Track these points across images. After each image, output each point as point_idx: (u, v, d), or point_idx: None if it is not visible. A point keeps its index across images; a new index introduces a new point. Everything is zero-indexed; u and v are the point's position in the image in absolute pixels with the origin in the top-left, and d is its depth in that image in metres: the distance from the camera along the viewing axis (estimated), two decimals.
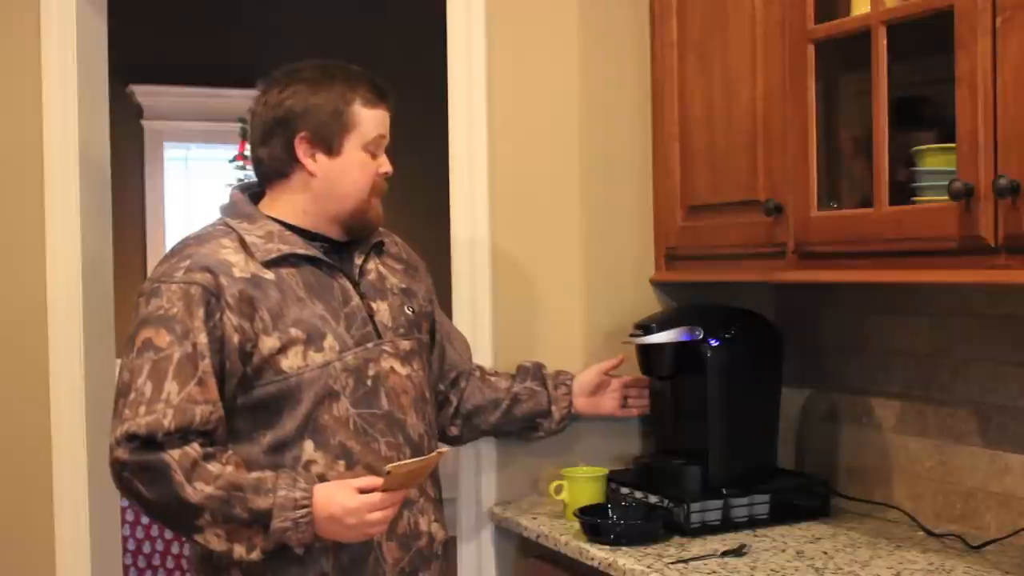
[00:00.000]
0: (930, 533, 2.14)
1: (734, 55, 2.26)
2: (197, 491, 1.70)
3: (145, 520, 4.28)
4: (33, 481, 2.41)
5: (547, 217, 2.52)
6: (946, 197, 1.72)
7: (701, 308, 2.44)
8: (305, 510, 1.72)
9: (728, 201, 2.31)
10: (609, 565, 2.02)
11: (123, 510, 4.20)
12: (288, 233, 1.88)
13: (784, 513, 2.26)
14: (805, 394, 2.56)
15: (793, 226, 2.10)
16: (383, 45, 5.73)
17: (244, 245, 1.84)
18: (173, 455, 1.71)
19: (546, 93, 2.52)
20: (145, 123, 5.76)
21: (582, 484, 2.29)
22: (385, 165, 1.93)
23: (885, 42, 1.86)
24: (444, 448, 1.88)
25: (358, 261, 1.95)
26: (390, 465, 1.75)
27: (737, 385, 2.30)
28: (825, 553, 2.03)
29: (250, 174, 5.33)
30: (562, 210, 2.53)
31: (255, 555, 1.73)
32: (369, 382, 1.86)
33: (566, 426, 2.35)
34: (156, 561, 4.31)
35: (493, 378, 2.29)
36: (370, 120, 1.89)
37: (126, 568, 4.19)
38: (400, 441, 1.89)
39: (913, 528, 2.19)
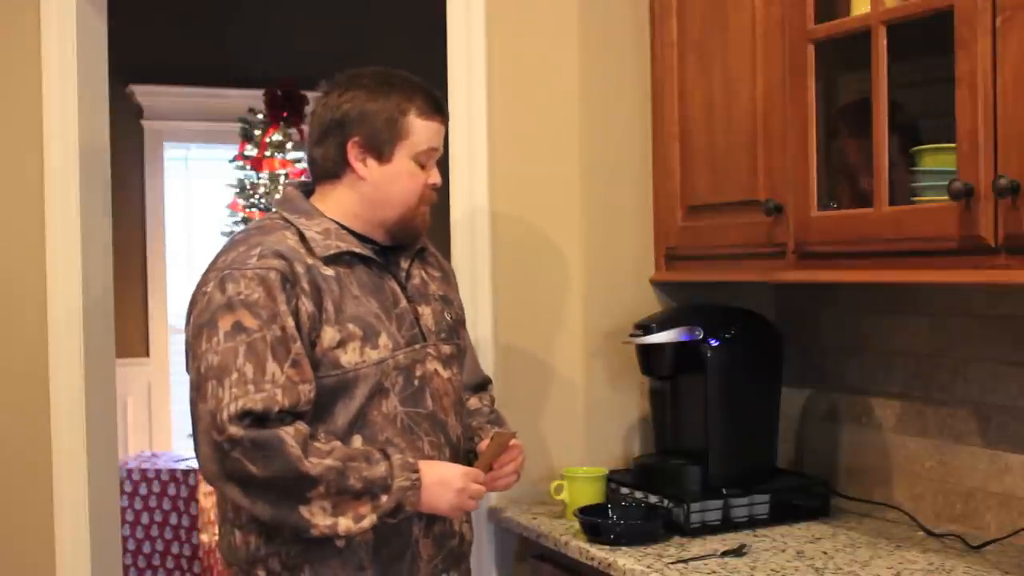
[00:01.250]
0: (930, 533, 2.14)
1: (734, 55, 2.26)
2: (315, 464, 1.71)
3: (145, 520, 4.29)
4: (33, 481, 2.41)
5: (547, 217, 2.52)
6: (946, 197, 1.72)
7: (701, 308, 2.44)
8: (417, 474, 1.79)
9: (728, 201, 2.31)
10: (609, 565, 2.02)
11: (123, 510, 4.21)
12: (344, 232, 1.91)
13: (784, 513, 2.26)
14: (805, 394, 2.56)
15: (793, 226, 2.10)
16: (383, 45, 5.73)
17: (303, 240, 1.87)
18: (288, 431, 1.72)
19: (546, 93, 2.52)
20: (145, 123, 5.76)
21: (582, 484, 2.29)
22: (434, 176, 1.94)
23: (885, 42, 1.86)
24: (515, 431, 2.00)
25: (404, 265, 1.97)
26: (495, 430, 1.96)
27: (737, 385, 2.31)
28: (825, 553, 2.03)
29: (249, 175, 5.36)
30: (562, 210, 2.53)
31: (366, 523, 1.74)
32: (416, 382, 1.89)
33: None
34: (156, 561, 4.31)
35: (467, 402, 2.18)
36: (423, 131, 1.90)
37: (126, 568, 4.19)
38: (442, 441, 1.91)
39: (913, 528, 2.19)
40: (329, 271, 1.84)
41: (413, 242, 1.98)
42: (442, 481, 1.82)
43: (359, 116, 1.88)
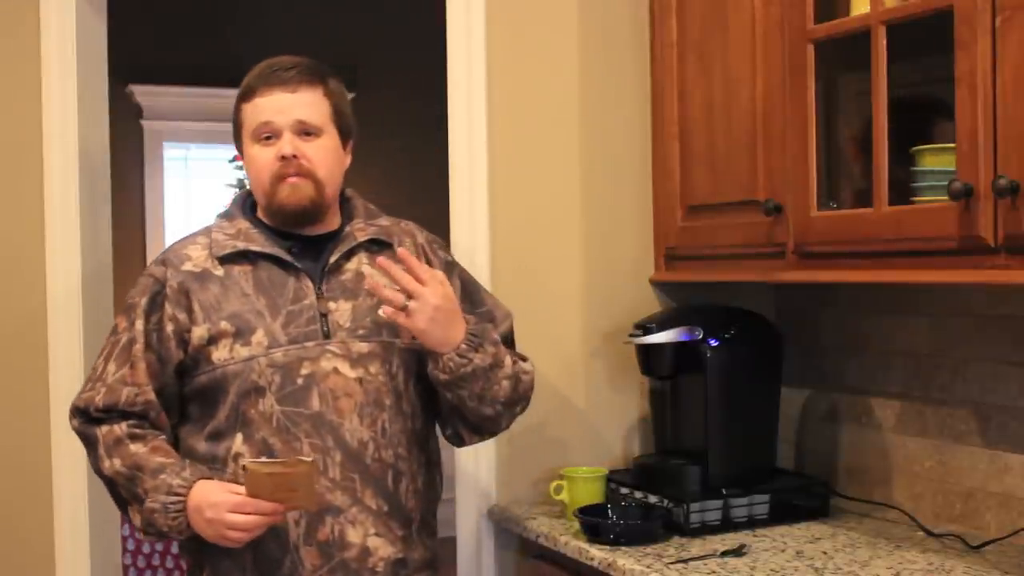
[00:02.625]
0: (930, 533, 2.14)
1: (734, 55, 2.26)
2: (111, 466, 1.83)
3: None
4: (33, 481, 2.40)
5: (547, 217, 2.52)
6: (946, 197, 1.72)
7: (701, 308, 2.44)
8: (176, 498, 1.76)
9: (728, 201, 2.31)
10: (609, 565, 2.02)
11: None
12: (255, 232, 1.91)
13: (784, 513, 2.26)
14: (805, 394, 2.56)
15: (793, 226, 2.10)
16: (383, 45, 5.74)
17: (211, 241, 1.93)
18: (102, 430, 1.85)
19: (546, 93, 2.52)
20: (145, 123, 5.76)
21: (582, 484, 2.29)
22: (282, 148, 1.86)
23: (885, 42, 1.86)
24: (309, 458, 1.74)
25: (332, 259, 1.91)
26: (248, 461, 1.72)
27: (737, 385, 2.31)
28: (825, 553, 2.03)
29: None
30: (562, 210, 2.53)
31: (140, 534, 1.82)
32: (300, 380, 1.82)
33: (445, 368, 1.84)
34: (156, 561, 4.31)
35: None
36: (249, 112, 1.91)
37: (126, 568, 4.18)
38: (329, 444, 1.80)
39: (913, 528, 2.19)
40: (219, 271, 1.88)
41: (299, 221, 1.90)
42: (197, 508, 1.75)
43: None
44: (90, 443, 1.88)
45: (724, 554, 2.03)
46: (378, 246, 1.96)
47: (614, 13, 2.55)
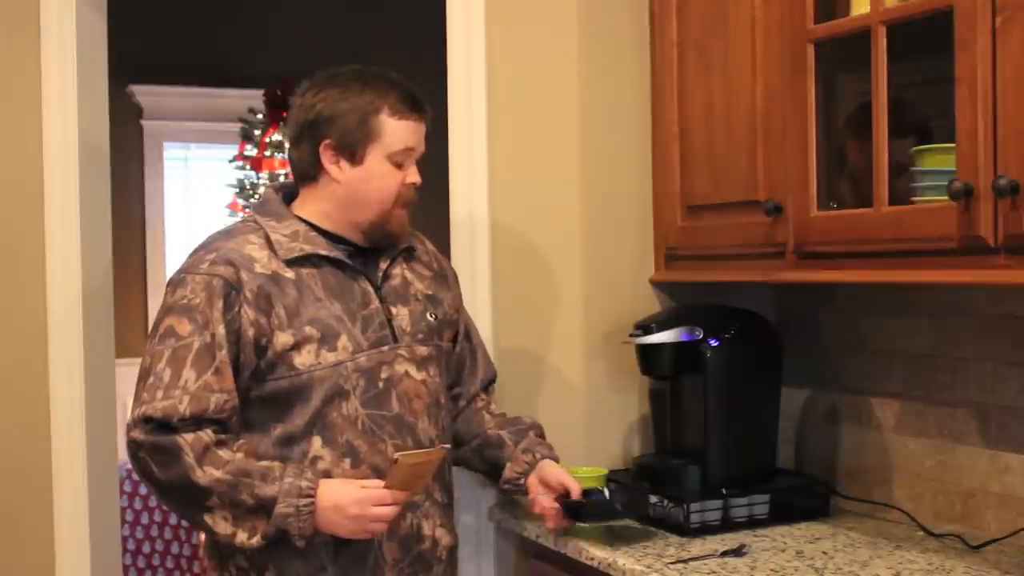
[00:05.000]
0: (930, 533, 2.15)
1: (734, 55, 2.26)
2: (206, 474, 1.75)
3: (145, 520, 4.28)
4: (33, 481, 2.41)
5: (547, 217, 2.52)
6: (946, 197, 1.73)
7: (701, 308, 2.44)
8: (308, 499, 1.76)
9: (728, 201, 2.31)
10: (609, 565, 2.03)
11: (123, 510, 4.21)
12: (313, 234, 1.91)
13: (784, 513, 2.26)
14: (805, 394, 2.56)
15: (793, 226, 2.10)
16: (383, 45, 5.73)
17: (269, 242, 1.88)
18: (186, 438, 1.75)
19: (546, 93, 2.51)
20: (145, 123, 5.77)
21: (582, 484, 2.28)
22: (412, 175, 1.93)
23: (885, 42, 1.86)
24: (447, 444, 1.91)
25: (383, 265, 1.97)
26: (398, 454, 1.78)
27: (737, 385, 2.31)
28: (825, 553, 2.03)
29: (249, 175, 5.36)
30: (562, 210, 2.53)
31: (255, 541, 1.76)
32: (381, 384, 1.88)
33: (512, 491, 2.16)
34: (156, 561, 4.31)
35: (486, 414, 2.19)
36: (397, 131, 1.89)
37: (126, 568, 4.19)
38: (409, 444, 1.90)
39: (913, 528, 2.19)
40: (290, 274, 1.85)
41: (389, 244, 1.97)
42: (336, 507, 1.77)
43: (331, 117, 1.88)
44: (168, 453, 1.76)
45: (724, 554, 2.03)
46: (407, 252, 2.04)
47: (614, 13, 2.55)
